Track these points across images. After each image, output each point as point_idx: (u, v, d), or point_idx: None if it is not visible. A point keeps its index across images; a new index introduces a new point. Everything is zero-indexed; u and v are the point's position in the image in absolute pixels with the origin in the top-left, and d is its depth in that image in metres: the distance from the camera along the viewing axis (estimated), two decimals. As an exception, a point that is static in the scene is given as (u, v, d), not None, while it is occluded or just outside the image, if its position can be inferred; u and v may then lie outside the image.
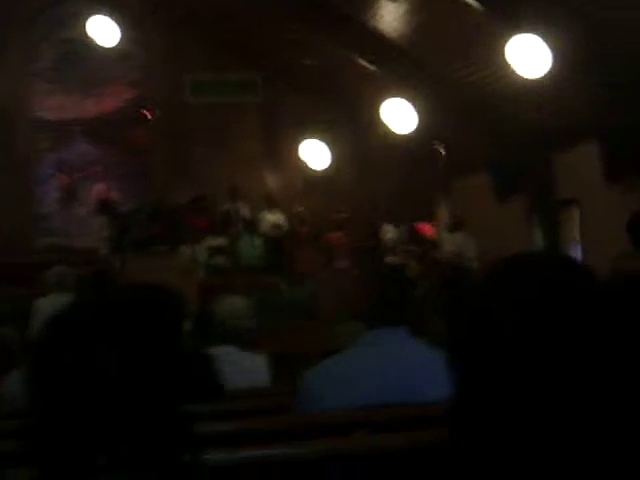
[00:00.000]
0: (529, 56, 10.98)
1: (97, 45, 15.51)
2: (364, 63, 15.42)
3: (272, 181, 18.23)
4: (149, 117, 17.89)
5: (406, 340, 3.79)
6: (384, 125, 13.97)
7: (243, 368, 5.14)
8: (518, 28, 10.94)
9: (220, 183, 16.82)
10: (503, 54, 11.24)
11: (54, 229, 17.52)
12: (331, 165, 16.69)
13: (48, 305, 8.50)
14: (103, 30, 14.92)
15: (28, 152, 17.48)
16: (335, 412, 3.57)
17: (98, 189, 17.54)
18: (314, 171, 16.85)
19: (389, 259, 14.70)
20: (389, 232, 16.21)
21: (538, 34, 10.87)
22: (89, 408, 1.49)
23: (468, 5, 12.23)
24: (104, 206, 15.70)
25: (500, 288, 1.42)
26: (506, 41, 11.14)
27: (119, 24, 14.99)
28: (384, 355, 3.68)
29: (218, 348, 5.06)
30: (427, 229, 16.26)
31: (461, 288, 6.51)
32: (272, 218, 16.45)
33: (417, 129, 13.96)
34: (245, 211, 16.47)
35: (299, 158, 16.58)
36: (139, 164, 18.01)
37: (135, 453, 1.47)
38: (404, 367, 3.67)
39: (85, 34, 15.61)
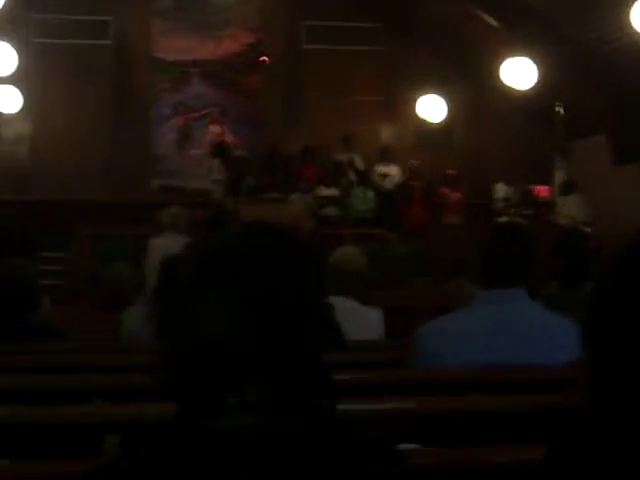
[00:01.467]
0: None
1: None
2: (488, 18, 15.19)
3: (386, 133, 18.13)
4: (266, 62, 17.95)
5: (524, 301, 3.74)
6: (504, 82, 13.77)
7: (359, 320, 5.12)
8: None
9: (334, 132, 16.79)
10: (627, 15, 10.96)
11: (169, 170, 17.75)
12: (446, 119, 16.53)
13: (162, 245, 8.63)
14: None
15: (146, 92, 17.70)
16: (450, 370, 3.55)
17: (213, 131, 17.67)
18: (429, 124, 16.70)
19: (502, 219, 14.55)
20: (502, 191, 16.00)
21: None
22: (222, 347, 1.48)
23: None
24: (219, 149, 15.82)
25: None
26: (631, 2, 10.85)
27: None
28: (501, 315, 3.63)
29: (333, 298, 5.02)
30: (542, 190, 16.01)
31: (575, 252, 6.38)
32: (387, 171, 16.38)
33: (537, 88, 13.73)
34: (359, 162, 16.42)
35: (415, 111, 16.45)
36: (254, 109, 18.09)
37: (273, 395, 1.46)
38: (521, 328, 3.63)
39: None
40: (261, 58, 17.91)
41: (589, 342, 1.46)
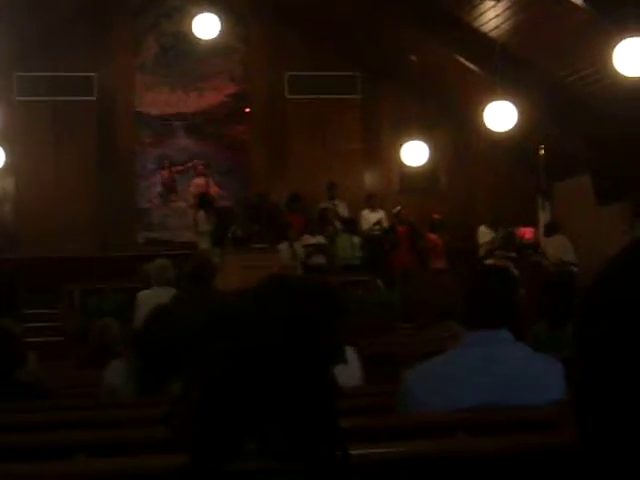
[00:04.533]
0: (635, 58, 10.79)
1: (199, 39, 15.67)
2: (466, 62, 15.33)
3: (370, 179, 18.22)
4: (249, 112, 18.06)
5: (508, 343, 3.75)
6: (484, 125, 13.87)
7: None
8: (626, 31, 10.75)
9: (319, 181, 16.89)
10: (607, 56, 11.06)
11: (155, 223, 17.78)
12: (430, 164, 16.61)
13: (150, 298, 8.62)
14: (206, 24, 15.08)
15: (131, 146, 17.76)
16: (436, 413, 3.55)
17: (198, 183, 17.74)
18: (412, 169, 16.79)
19: (487, 262, 14.58)
20: (487, 234, 16.05)
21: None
22: (242, 394, 1.50)
23: (573, 6, 12.09)
24: (204, 200, 15.87)
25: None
26: (611, 43, 10.95)
27: (221, 18, 15.13)
28: (487, 357, 3.65)
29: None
30: (526, 232, 16.07)
31: (563, 292, 6.41)
32: (374, 217, 16.43)
33: (518, 130, 13.82)
34: (343, 209, 16.49)
35: (398, 156, 16.53)
36: (238, 160, 18.16)
37: (287, 443, 1.48)
38: (507, 370, 3.64)
39: (188, 28, 15.79)
40: (246, 109, 18.02)
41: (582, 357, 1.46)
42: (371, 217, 16.48)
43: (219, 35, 15.37)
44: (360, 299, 12.14)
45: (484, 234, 16.06)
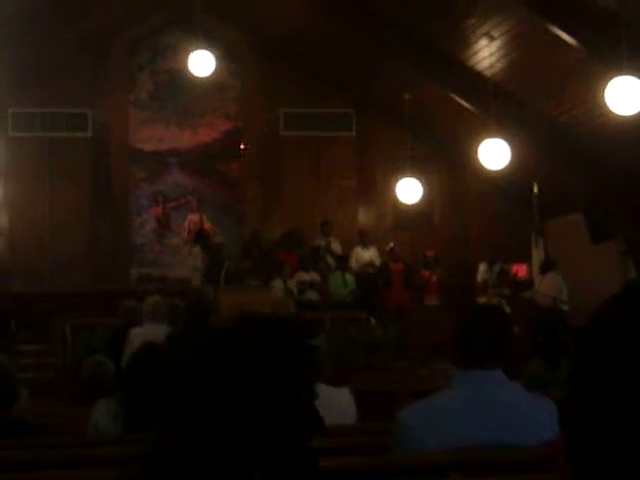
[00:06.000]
0: (628, 97, 10.83)
1: (194, 76, 15.74)
2: (460, 100, 15.41)
3: (364, 215, 18.24)
4: (244, 149, 18.10)
5: (502, 383, 3.74)
6: (478, 162, 13.91)
7: (331, 404, 5.09)
8: (618, 69, 10.81)
9: (313, 217, 16.94)
10: (600, 94, 11.11)
11: (148, 259, 17.76)
12: (424, 201, 16.64)
13: (143, 334, 8.58)
14: (200, 61, 15.13)
15: (125, 183, 17.77)
16: (432, 453, 3.53)
17: (191, 220, 17.75)
18: (406, 206, 16.82)
19: (481, 299, 14.59)
20: (481, 271, 16.05)
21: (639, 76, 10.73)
22: (223, 433, 1.49)
23: (567, 45, 12.17)
24: (198, 237, 15.87)
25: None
26: (604, 81, 11.00)
27: (216, 56, 15.20)
28: (481, 398, 3.63)
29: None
30: (520, 270, 16.08)
31: (555, 331, 6.41)
32: (366, 255, 16.43)
33: (511, 167, 13.85)
34: (337, 246, 16.49)
35: (391, 193, 16.57)
36: (232, 196, 18.18)
37: None
38: (501, 410, 3.63)
39: (183, 65, 15.85)
40: (241, 146, 18.07)
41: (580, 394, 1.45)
42: (363, 254, 16.48)
43: (214, 72, 15.43)
44: (353, 337, 12.12)
45: (479, 271, 16.06)
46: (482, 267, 16.02)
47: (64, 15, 15.29)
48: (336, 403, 5.18)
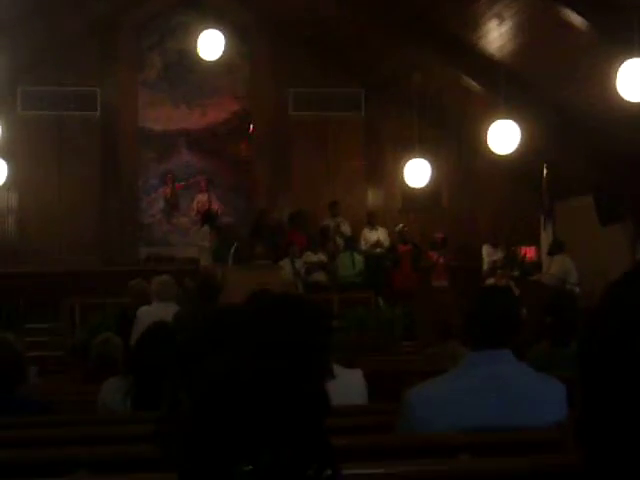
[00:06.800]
0: (638, 81, 10.78)
1: (204, 57, 15.71)
2: (470, 82, 15.36)
3: (372, 197, 18.24)
4: (253, 130, 18.09)
5: (511, 363, 3.74)
6: (487, 144, 13.87)
7: (342, 384, 5.10)
8: (628, 51, 10.75)
9: (322, 198, 16.93)
10: (610, 76, 11.06)
11: (157, 239, 17.80)
12: (433, 183, 16.59)
13: (151, 313, 8.61)
14: (210, 42, 15.10)
15: (134, 162, 17.78)
16: (440, 434, 3.54)
17: (200, 200, 17.78)
18: (414, 188, 16.79)
19: (489, 281, 14.57)
20: (489, 253, 16.04)
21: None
22: (233, 411, 1.49)
23: (577, 27, 12.12)
24: (209, 217, 15.89)
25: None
26: (614, 63, 10.95)
27: (226, 36, 15.16)
28: (489, 378, 3.64)
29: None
30: (529, 251, 16.07)
31: (564, 312, 6.39)
32: (374, 236, 16.43)
33: (521, 149, 13.81)
34: (345, 227, 16.48)
35: (401, 175, 16.53)
36: (241, 176, 18.19)
37: (279, 465, 1.47)
38: (509, 391, 3.63)
39: (192, 45, 15.82)
40: (249, 126, 18.05)
41: (583, 398, 1.45)
42: (371, 236, 16.48)
43: (223, 52, 15.40)
44: (361, 317, 12.13)
45: (487, 252, 16.05)
46: (486, 249, 16.01)
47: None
48: (348, 384, 5.19)
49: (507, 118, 13.46)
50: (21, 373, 4.71)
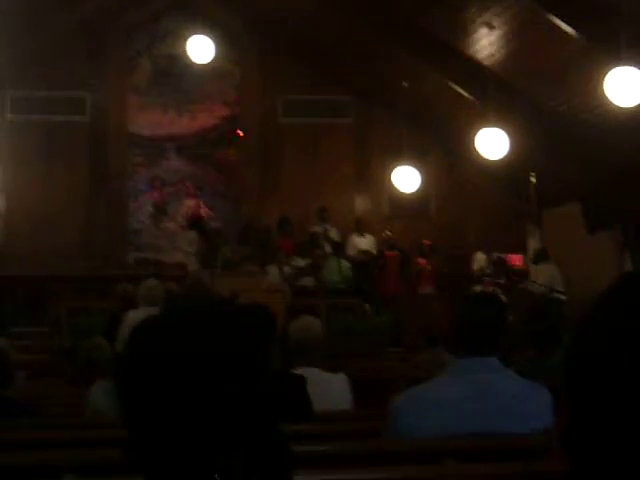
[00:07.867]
0: (627, 88, 10.81)
1: (193, 62, 15.70)
2: (458, 89, 15.40)
3: (360, 203, 18.24)
4: (242, 136, 18.09)
5: (497, 370, 3.76)
6: (475, 151, 13.90)
7: (326, 389, 5.11)
8: (617, 59, 10.79)
9: (310, 204, 16.93)
10: (599, 84, 11.09)
11: (145, 244, 17.77)
12: (421, 190, 16.63)
13: (138, 318, 8.58)
14: (200, 47, 15.10)
15: (122, 167, 17.76)
16: (426, 440, 3.55)
17: (188, 205, 17.76)
18: (402, 195, 16.81)
19: (476, 288, 14.59)
20: (477, 261, 16.07)
21: (638, 66, 10.71)
22: (187, 422, 1.48)
23: (567, 34, 12.16)
24: (194, 222, 15.87)
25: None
26: (603, 71, 10.98)
27: (215, 42, 15.16)
28: (476, 385, 3.66)
29: (300, 369, 5.03)
30: (516, 259, 16.10)
31: (550, 320, 6.43)
32: (362, 242, 16.44)
33: (509, 157, 13.86)
34: (334, 233, 16.48)
35: (389, 181, 16.55)
36: (230, 182, 18.17)
37: (244, 470, 1.47)
38: (495, 398, 3.65)
39: (182, 51, 15.82)
40: (238, 132, 18.04)
41: (569, 408, 1.46)
42: (359, 242, 16.49)
43: (213, 58, 15.40)
44: (348, 324, 12.13)
45: (474, 260, 16.09)
46: (479, 256, 16.04)
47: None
48: (332, 389, 5.20)
49: (496, 126, 13.50)
50: (9, 376, 4.70)
